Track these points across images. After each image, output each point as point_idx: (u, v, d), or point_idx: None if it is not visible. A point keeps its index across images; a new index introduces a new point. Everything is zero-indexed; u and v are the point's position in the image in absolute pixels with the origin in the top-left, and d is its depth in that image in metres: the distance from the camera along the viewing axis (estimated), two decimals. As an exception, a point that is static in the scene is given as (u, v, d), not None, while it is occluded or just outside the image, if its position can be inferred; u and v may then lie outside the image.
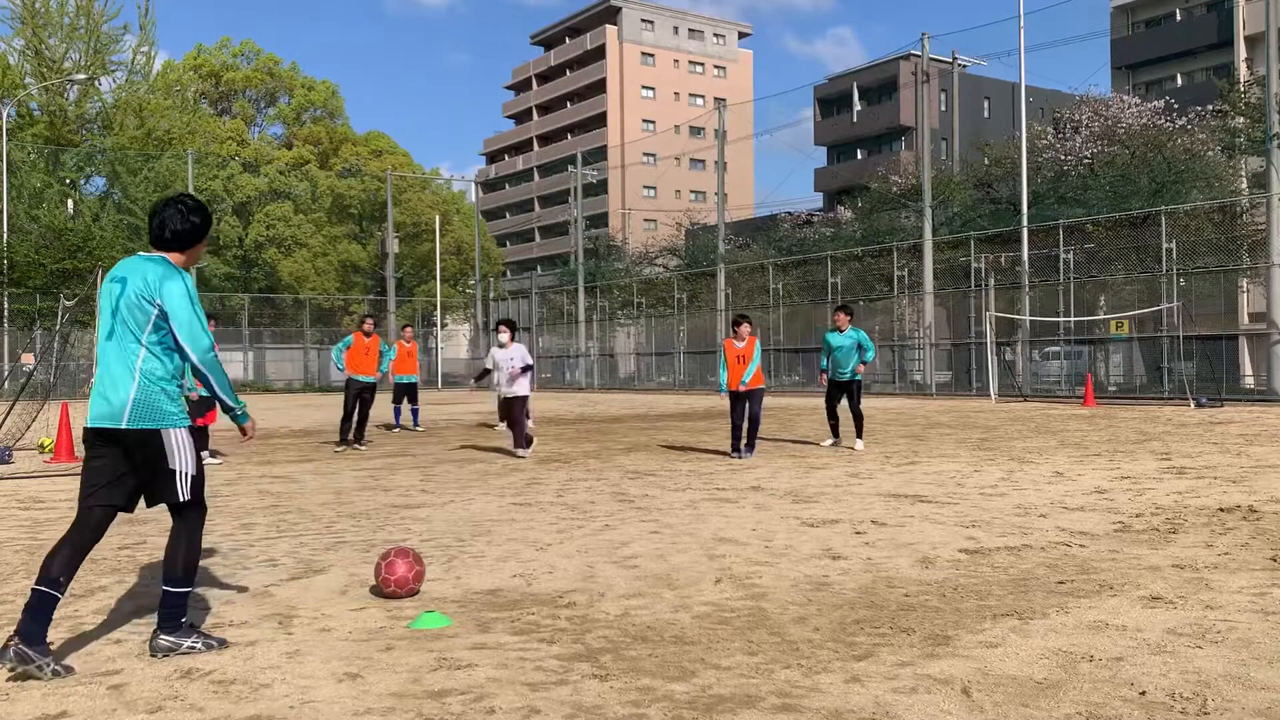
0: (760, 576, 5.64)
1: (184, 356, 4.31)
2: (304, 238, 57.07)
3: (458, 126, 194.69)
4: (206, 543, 7.03)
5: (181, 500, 4.40)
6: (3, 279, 38.19)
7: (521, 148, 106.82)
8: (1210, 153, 31.84)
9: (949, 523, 7.35)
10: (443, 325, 56.12)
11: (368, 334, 14.88)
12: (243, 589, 5.57)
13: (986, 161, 37.99)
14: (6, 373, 32.41)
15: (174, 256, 4.43)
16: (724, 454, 12.89)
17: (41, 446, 13.99)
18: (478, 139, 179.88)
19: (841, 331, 13.72)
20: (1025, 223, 30.16)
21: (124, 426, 4.22)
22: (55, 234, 39.77)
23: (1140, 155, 32.18)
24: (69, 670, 4.03)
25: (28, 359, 34.55)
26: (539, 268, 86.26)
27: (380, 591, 5.25)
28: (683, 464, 11.85)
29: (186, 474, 4.35)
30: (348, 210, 60.01)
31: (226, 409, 4.49)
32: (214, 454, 12.98)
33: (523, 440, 13.00)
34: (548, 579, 5.67)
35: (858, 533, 6.99)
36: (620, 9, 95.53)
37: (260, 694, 3.78)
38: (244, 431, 4.64)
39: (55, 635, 4.63)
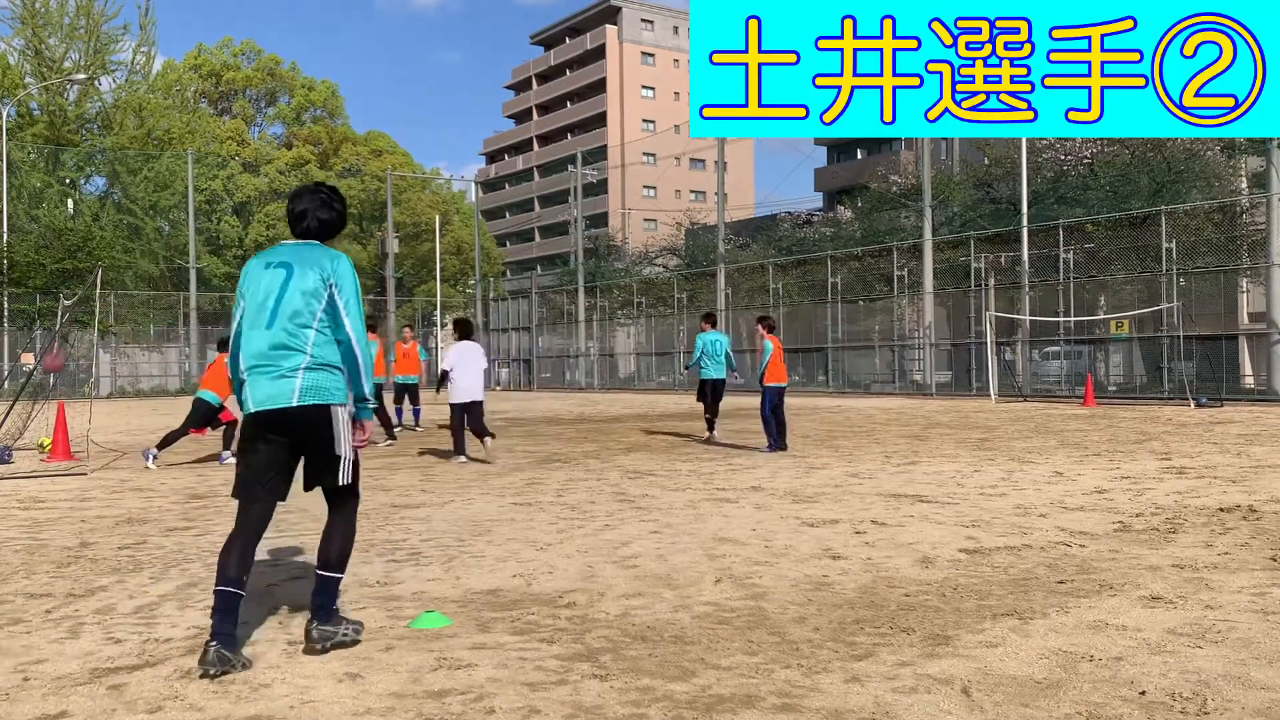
0: (760, 576, 5.64)
1: (340, 335, 4.31)
2: (304, 238, 57.00)
3: (457, 126, 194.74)
4: (206, 542, 7.03)
5: (341, 484, 4.37)
6: (3, 279, 38.18)
7: (521, 148, 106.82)
8: (1210, 153, 31.82)
9: (949, 523, 7.35)
10: (443, 325, 56.11)
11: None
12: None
13: (986, 161, 37.99)
14: (6, 373, 32.40)
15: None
16: (726, 454, 12.91)
17: (41, 446, 13.99)
18: (477, 139, 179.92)
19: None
20: (1025, 223, 30.15)
21: (294, 404, 4.20)
22: (55, 234, 39.76)
23: (1140, 155, 32.16)
24: (249, 664, 4.11)
25: (28, 359, 34.54)
26: (539, 268, 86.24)
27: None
28: (683, 464, 11.85)
29: (348, 459, 4.35)
30: (348, 210, 60.00)
31: (360, 397, 4.39)
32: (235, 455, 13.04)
33: (462, 447, 12.63)
34: (548, 579, 5.67)
35: (858, 533, 6.99)
36: (620, 9, 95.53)
37: (260, 694, 3.78)
38: (363, 428, 4.49)
39: (55, 635, 4.63)
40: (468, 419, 12.42)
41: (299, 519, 8.04)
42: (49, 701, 3.73)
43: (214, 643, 4.02)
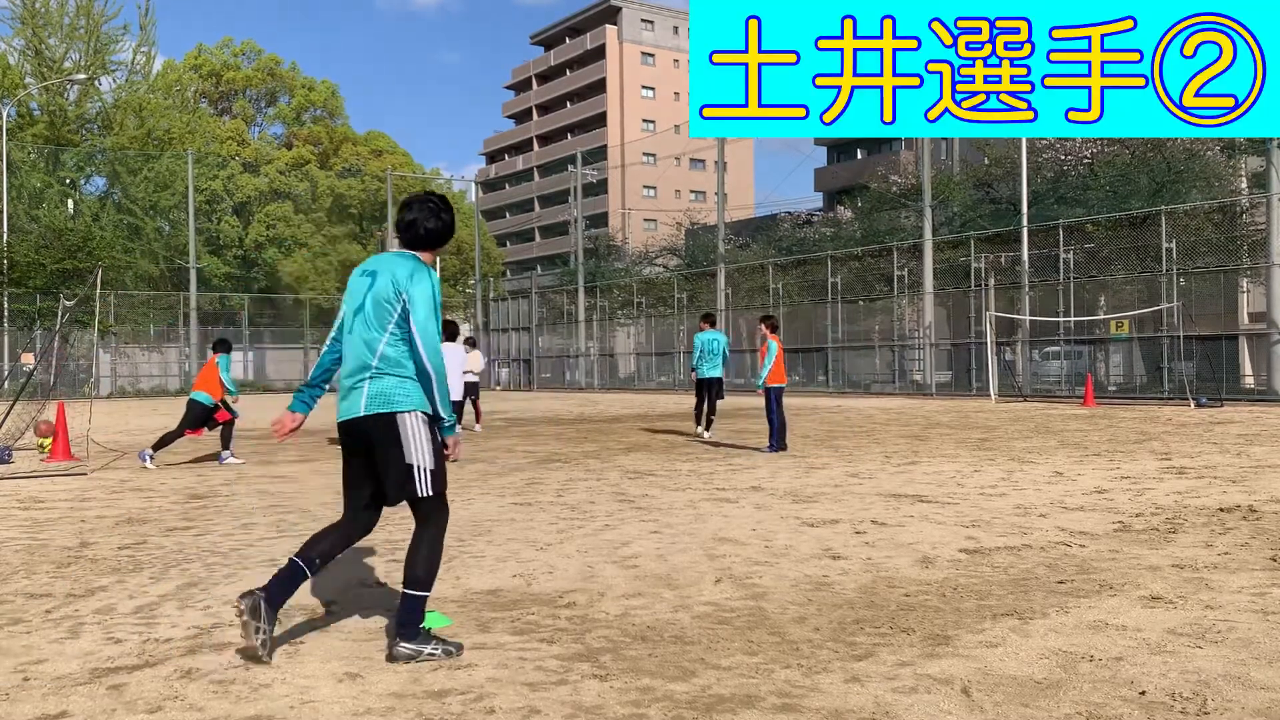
0: (760, 576, 5.64)
1: (414, 351, 4.21)
2: (304, 238, 57.06)
3: (457, 126, 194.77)
4: (206, 542, 7.03)
5: (421, 496, 4.26)
6: (3, 279, 38.18)
7: (521, 148, 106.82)
8: (1210, 153, 31.81)
9: (949, 523, 7.35)
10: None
11: None
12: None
13: (986, 161, 37.99)
14: (6, 373, 32.40)
15: (423, 255, 4.40)
16: (726, 454, 12.91)
17: (41, 446, 13.98)
18: (477, 139, 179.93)
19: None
20: (1025, 223, 30.15)
21: (362, 414, 4.19)
22: (55, 234, 39.76)
23: (1140, 155, 32.15)
24: (272, 649, 4.12)
25: (28, 359, 34.53)
26: (539, 267, 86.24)
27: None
28: (683, 464, 11.85)
29: (424, 468, 4.21)
30: (348, 210, 60.00)
31: (436, 417, 4.26)
32: (233, 454, 13.07)
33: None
34: (548, 579, 5.67)
35: (858, 533, 6.99)
36: (620, 9, 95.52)
37: (260, 694, 3.78)
38: (447, 445, 4.36)
39: (55, 635, 4.63)
40: None
41: (299, 519, 8.04)
42: (49, 701, 3.73)
43: (263, 593, 4.09)
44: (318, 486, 10.21)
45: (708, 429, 15.45)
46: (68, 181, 47.78)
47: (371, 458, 4.26)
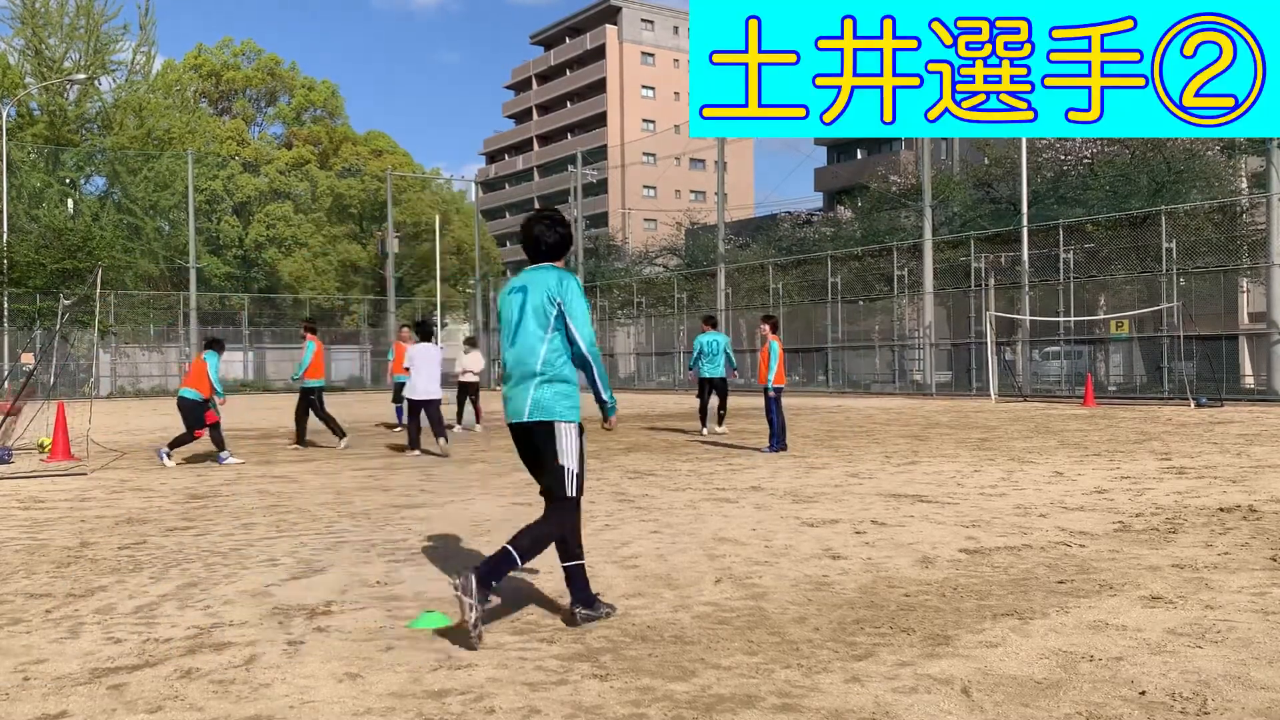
0: (760, 576, 5.64)
1: (573, 345, 4.77)
2: (304, 237, 57.06)
3: (457, 126, 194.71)
4: (206, 542, 7.03)
5: (567, 495, 4.73)
6: (3, 279, 38.18)
7: (521, 147, 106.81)
8: (1210, 152, 31.82)
9: (949, 523, 7.35)
10: (443, 325, 56.09)
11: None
12: (243, 589, 5.57)
13: (986, 161, 37.99)
14: (6, 373, 32.40)
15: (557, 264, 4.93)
16: (725, 454, 12.91)
17: (41, 446, 13.99)
18: (477, 139, 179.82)
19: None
20: (1025, 222, 30.15)
21: (526, 420, 4.74)
22: (55, 234, 39.74)
23: (1140, 155, 32.15)
24: (486, 619, 4.38)
25: (28, 359, 34.54)
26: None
27: None
28: (683, 464, 11.85)
29: (572, 470, 4.72)
30: (348, 210, 59.99)
31: (600, 400, 4.87)
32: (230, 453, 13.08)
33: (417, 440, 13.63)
34: (548, 579, 5.67)
35: (858, 533, 6.99)
36: (620, 9, 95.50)
37: (260, 694, 3.78)
38: (610, 421, 5.08)
39: (55, 635, 4.63)
40: (425, 415, 13.52)
41: (299, 519, 8.04)
42: (49, 701, 3.73)
43: (476, 571, 4.37)
44: (317, 486, 10.21)
45: (719, 424, 15.92)
46: (68, 181, 47.78)
47: (531, 450, 4.83)
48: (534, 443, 4.75)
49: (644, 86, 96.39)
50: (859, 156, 64.20)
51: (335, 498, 9.30)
